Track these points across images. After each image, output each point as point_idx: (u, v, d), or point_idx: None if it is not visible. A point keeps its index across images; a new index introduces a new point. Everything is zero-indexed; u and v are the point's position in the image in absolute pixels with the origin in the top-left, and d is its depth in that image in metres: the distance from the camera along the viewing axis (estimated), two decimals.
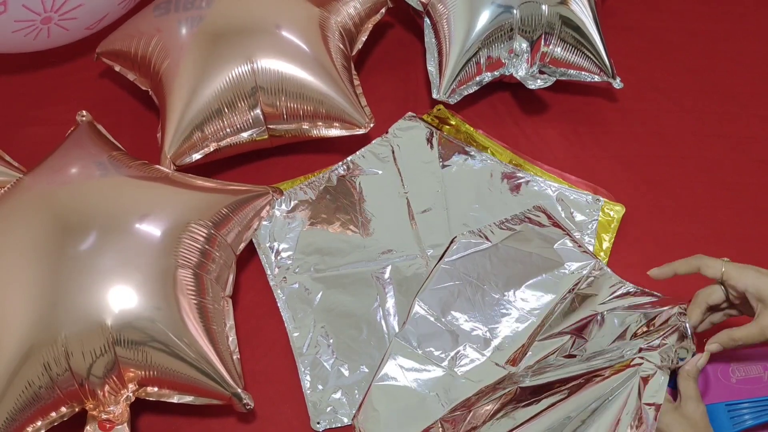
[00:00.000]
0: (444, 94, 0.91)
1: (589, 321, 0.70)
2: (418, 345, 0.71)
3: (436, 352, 0.71)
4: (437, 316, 0.73)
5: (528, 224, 0.79)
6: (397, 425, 0.67)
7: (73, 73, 1.04)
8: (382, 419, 0.67)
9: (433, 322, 0.72)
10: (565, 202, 0.86)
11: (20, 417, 0.64)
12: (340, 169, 0.89)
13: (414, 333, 0.72)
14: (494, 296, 0.74)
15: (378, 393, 0.69)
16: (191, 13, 0.85)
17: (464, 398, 0.66)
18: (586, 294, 0.73)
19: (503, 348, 0.70)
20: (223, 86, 0.82)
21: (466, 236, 0.78)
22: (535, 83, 0.92)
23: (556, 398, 0.63)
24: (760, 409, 0.66)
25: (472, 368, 0.69)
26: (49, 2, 0.84)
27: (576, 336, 0.69)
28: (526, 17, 0.89)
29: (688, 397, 0.61)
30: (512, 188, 0.88)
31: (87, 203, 0.71)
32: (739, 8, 1.12)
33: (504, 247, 0.77)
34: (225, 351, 0.71)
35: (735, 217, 0.88)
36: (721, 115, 0.99)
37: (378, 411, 0.67)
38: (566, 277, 0.75)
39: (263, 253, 0.83)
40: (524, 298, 0.74)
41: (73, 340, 0.64)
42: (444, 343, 0.71)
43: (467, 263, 0.76)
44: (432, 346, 0.71)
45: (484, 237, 0.78)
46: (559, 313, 0.71)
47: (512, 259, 0.77)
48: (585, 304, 0.72)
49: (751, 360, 0.69)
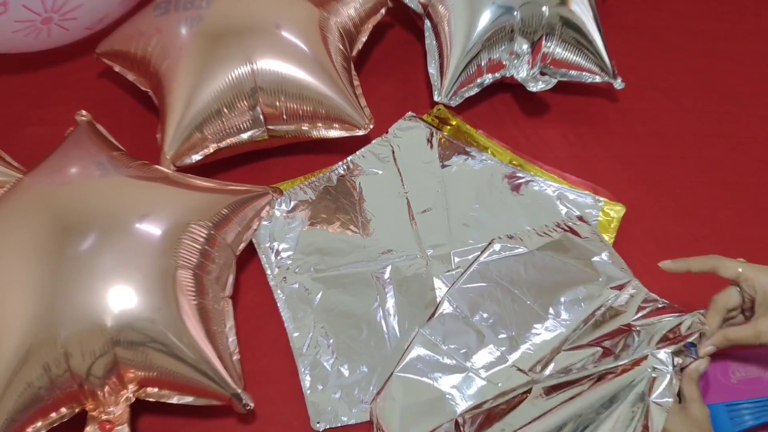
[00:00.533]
0: (445, 97, 0.91)
1: (617, 334, 0.70)
2: (443, 341, 0.71)
3: (461, 350, 0.70)
4: (465, 315, 0.73)
5: (568, 233, 0.79)
6: (412, 418, 0.66)
7: (73, 73, 1.04)
8: (398, 410, 0.67)
9: (460, 321, 0.72)
10: (565, 202, 0.86)
11: (20, 418, 0.64)
12: (340, 169, 0.89)
13: (440, 329, 0.72)
14: (525, 302, 0.74)
15: (398, 383, 0.69)
16: (191, 13, 0.84)
17: (482, 400, 0.66)
18: (618, 310, 0.72)
19: (528, 354, 0.70)
20: (223, 87, 0.82)
21: (503, 240, 0.78)
22: (537, 86, 0.91)
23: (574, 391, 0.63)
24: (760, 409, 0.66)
25: (495, 371, 0.69)
26: (50, 2, 0.84)
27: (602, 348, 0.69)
28: (527, 18, 0.89)
29: (692, 400, 0.61)
30: (512, 188, 0.88)
31: (87, 203, 0.71)
32: (739, 8, 1.12)
33: (540, 254, 0.77)
34: (225, 351, 0.71)
35: (735, 217, 0.88)
36: (721, 115, 0.98)
37: (395, 401, 0.67)
38: (601, 292, 0.74)
39: (263, 253, 0.83)
40: (555, 308, 0.73)
41: (73, 340, 0.64)
42: (469, 342, 0.71)
43: (501, 266, 0.76)
44: (456, 344, 0.71)
45: (521, 242, 0.78)
46: (589, 325, 0.71)
47: (547, 267, 0.76)
48: (616, 320, 0.71)
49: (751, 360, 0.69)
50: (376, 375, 0.74)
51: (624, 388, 0.62)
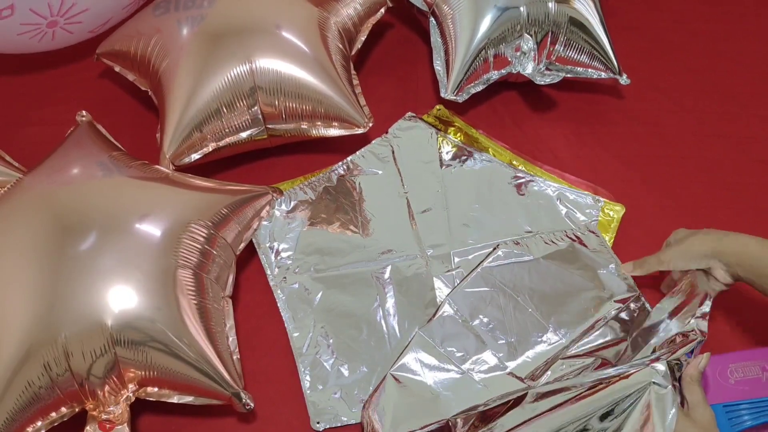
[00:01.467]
0: (452, 93, 0.91)
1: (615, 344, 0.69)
2: (441, 343, 0.71)
3: (458, 353, 0.71)
4: (465, 318, 0.73)
5: (575, 243, 0.79)
6: (404, 417, 0.66)
7: (73, 73, 1.04)
8: (392, 409, 0.67)
9: (460, 324, 0.72)
10: (565, 202, 0.86)
11: (20, 417, 0.64)
12: (340, 169, 0.89)
13: (439, 331, 0.72)
14: (527, 309, 0.74)
15: (392, 382, 0.69)
16: (192, 12, 0.84)
17: (476, 403, 0.66)
18: (621, 319, 0.72)
19: (526, 362, 0.70)
20: (222, 86, 0.82)
21: (509, 245, 0.78)
22: (544, 80, 0.92)
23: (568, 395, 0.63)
24: (759, 409, 0.66)
25: (491, 376, 0.69)
26: (56, 7, 0.84)
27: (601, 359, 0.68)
28: (533, 15, 0.89)
29: (696, 403, 0.60)
30: (513, 188, 0.88)
31: (87, 203, 0.71)
32: (739, 8, 1.12)
33: (545, 262, 0.77)
34: (225, 351, 0.71)
35: (735, 217, 0.88)
36: (721, 115, 0.99)
37: (389, 400, 0.68)
38: (604, 305, 0.74)
39: (263, 253, 0.83)
40: (557, 318, 0.73)
41: (73, 340, 0.64)
42: (467, 346, 0.71)
43: (505, 272, 0.76)
44: (454, 347, 0.71)
45: (527, 248, 0.78)
46: (588, 336, 0.71)
47: (552, 276, 0.76)
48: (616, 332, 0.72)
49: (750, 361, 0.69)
50: (376, 375, 0.74)
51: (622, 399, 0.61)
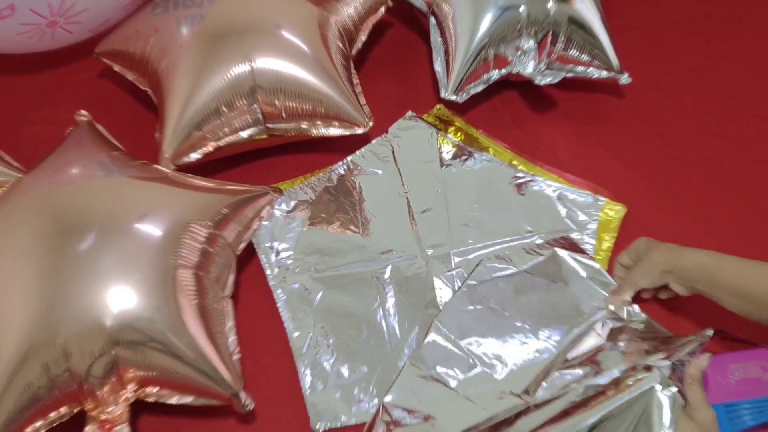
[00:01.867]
0: (452, 93, 0.91)
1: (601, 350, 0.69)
2: (432, 366, 0.71)
3: (450, 372, 0.70)
4: (454, 339, 0.73)
5: (557, 251, 0.79)
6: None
7: (73, 73, 1.04)
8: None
9: (449, 347, 0.72)
10: (566, 202, 0.86)
11: (20, 418, 0.64)
12: (340, 168, 0.89)
13: (429, 358, 0.71)
14: (515, 324, 0.73)
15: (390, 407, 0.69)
16: (192, 11, 0.84)
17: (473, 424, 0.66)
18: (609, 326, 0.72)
19: (518, 376, 0.69)
20: (222, 85, 0.82)
21: (491, 260, 0.78)
22: (544, 79, 0.92)
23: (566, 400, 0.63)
24: (759, 409, 0.66)
25: (484, 393, 0.68)
26: (56, 7, 0.84)
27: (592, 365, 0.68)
28: (534, 15, 0.89)
29: (697, 403, 0.60)
30: (513, 188, 0.88)
31: (87, 203, 0.71)
32: (739, 8, 1.12)
33: (529, 276, 0.77)
34: (225, 351, 0.71)
35: (735, 217, 0.88)
36: (721, 115, 0.98)
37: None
38: (591, 311, 0.74)
39: (263, 253, 0.83)
40: (545, 329, 0.73)
41: (73, 340, 0.64)
42: (458, 366, 0.71)
43: (490, 288, 0.76)
44: (446, 367, 0.71)
45: (510, 261, 0.78)
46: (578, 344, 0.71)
47: (537, 287, 0.76)
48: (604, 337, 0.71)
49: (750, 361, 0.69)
50: (376, 375, 0.74)
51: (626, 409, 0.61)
